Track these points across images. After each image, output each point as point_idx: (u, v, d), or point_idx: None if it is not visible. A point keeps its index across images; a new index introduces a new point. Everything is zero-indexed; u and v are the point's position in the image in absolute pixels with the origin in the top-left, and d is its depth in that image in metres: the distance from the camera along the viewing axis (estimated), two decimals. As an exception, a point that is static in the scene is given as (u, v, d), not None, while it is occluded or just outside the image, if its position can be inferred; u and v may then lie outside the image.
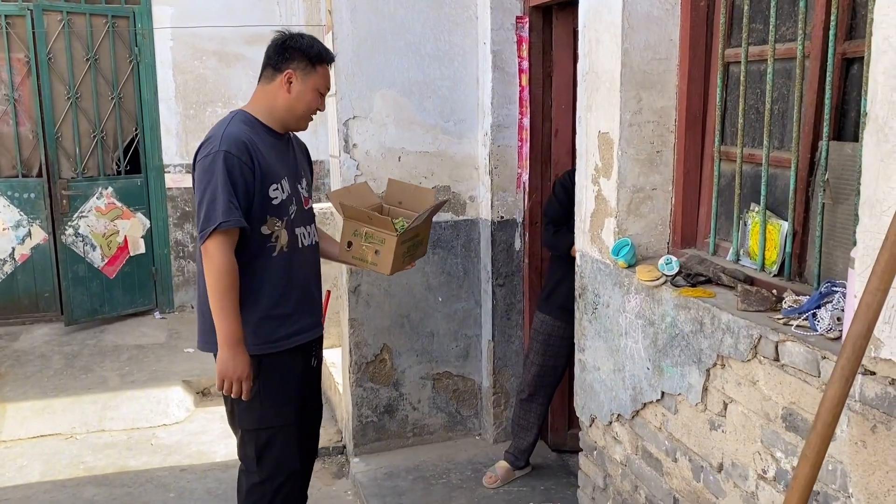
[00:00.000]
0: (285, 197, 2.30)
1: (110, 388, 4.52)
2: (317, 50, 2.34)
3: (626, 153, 2.35)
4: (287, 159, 2.39)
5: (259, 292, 2.29)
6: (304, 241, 2.41)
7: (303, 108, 2.34)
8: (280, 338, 2.34)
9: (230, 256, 2.17)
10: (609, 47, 2.35)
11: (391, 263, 2.49)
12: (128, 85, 5.83)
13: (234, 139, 2.20)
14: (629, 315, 2.34)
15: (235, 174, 2.16)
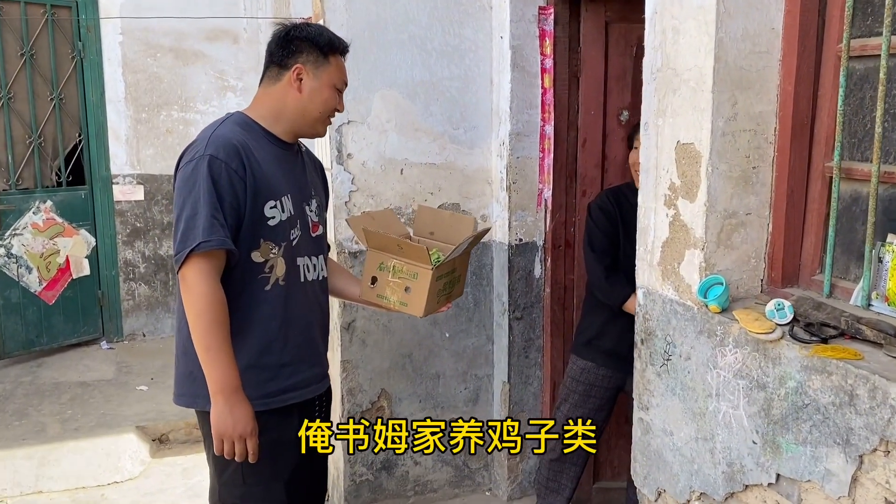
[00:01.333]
0: (286, 218, 1.90)
1: (49, 437, 3.86)
2: (327, 38, 1.96)
3: (717, 169, 1.88)
4: (294, 173, 1.98)
5: (246, 335, 1.87)
6: (307, 274, 1.99)
7: (318, 108, 1.96)
8: (271, 393, 1.90)
9: (215, 285, 1.77)
10: (695, 38, 1.89)
11: (425, 303, 2.02)
12: (70, 84, 5.15)
13: (223, 142, 1.81)
14: (724, 373, 1.86)
15: (222, 184, 1.78)
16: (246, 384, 1.82)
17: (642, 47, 2.85)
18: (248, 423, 1.79)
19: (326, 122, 2.02)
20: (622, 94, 2.89)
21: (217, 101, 5.43)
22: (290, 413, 1.94)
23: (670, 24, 1.98)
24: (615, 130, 2.91)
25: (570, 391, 2.73)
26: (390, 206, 2.98)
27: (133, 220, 5.39)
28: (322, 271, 2.07)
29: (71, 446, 3.77)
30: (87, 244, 5.27)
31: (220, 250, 1.77)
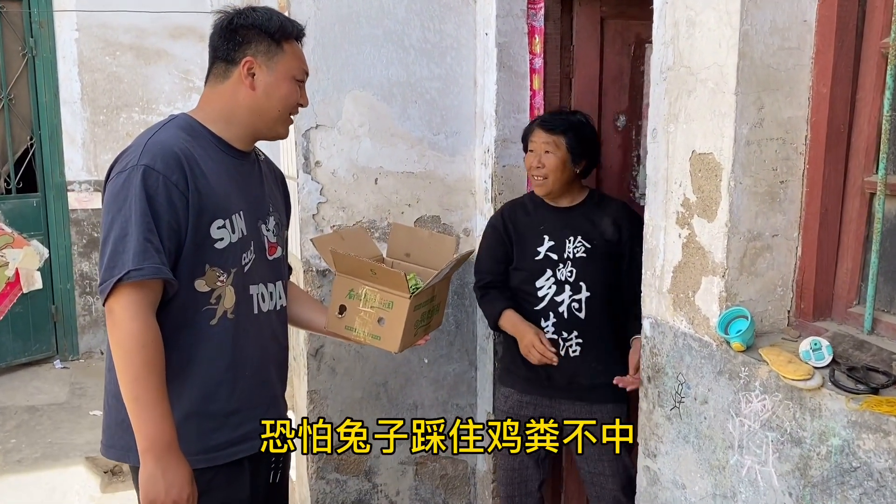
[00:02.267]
0: (236, 240, 1.63)
1: (-13, 472, 3.52)
2: (278, 22, 1.68)
3: (740, 184, 1.61)
4: (248, 187, 1.71)
5: (186, 378, 1.61)
6: (262, 304, 1.72)
7: (277, 105, 1.68)
8: (216, 447, 1.64)
9: (147, 321, 1.49)
10: (715, 31, 1.62)
11: (401, 336, 1.78)
12: (20, 84, 4.83)
13: (161, 150, 1.54)
14: (749, 422, 1.59)
15: (159, 200, 1.51)
16: (186, 436, 1.56)
17: (641, 46, 2.63)
18: (184, 487, 1.51)
19: (288, 120, 1.75)
20: (619, 96, 2.63)
21: (181, 102, 5.12)
22: (240, 468, 1.68)
23: (684, 16, 1.72)
24: (611, 137, 2.65)
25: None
26: (363, 219, 2.69)
27: (90, 230, 5.06)
28: (280, 300, 1.81)
29: (11, 481, 3.45)
30: (39, 256, 4.94)
31: (154, 280, 1.50)
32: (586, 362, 2.35)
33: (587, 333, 2.35)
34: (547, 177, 2.33)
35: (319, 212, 2.65)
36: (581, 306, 2.34)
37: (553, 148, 2.31)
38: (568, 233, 2.35)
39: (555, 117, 2.36)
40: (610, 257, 2.33)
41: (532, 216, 2.43)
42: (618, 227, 2.33)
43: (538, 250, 2.36)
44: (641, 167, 2.66)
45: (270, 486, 1.80)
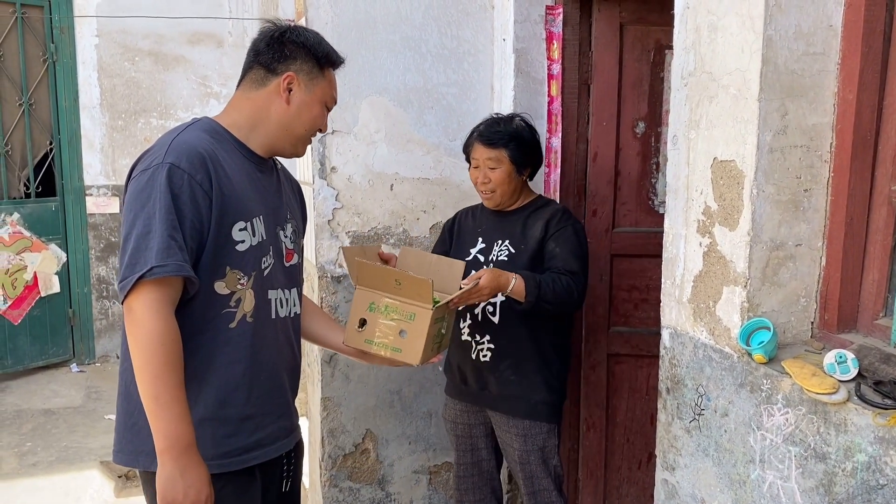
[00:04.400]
0: (257, 243, 1.62)
1: (3, 473, 3.54)
2: (326, 49, 1.73)
3: (763, 192, 1.58)
4: (267, 193, 1.70)
5: (203, 381, 1.57)
6: (280, 309, 1.70)
7: (305, 125, 1.71)
8: (229, 453, 1.60)
9: (169, 320, 1.47)
10: (738, 36, 1.59)
11: (422, 348, 1.79)
12: (41, 89, 4.86)
13: (187, 149, 1.53)
14: (771, 436, 1.55)
15: (183, 199, 1.50)
16: (202, 441, 1.52)
17: (661, 51, 2.60)
18: (203, 489, 1.48)
19: (308, 141, 1.77)
20: (638, 103, 2.60)
21: (199, 108, 5.14)
22: (251, 475, 1.65)
23: (706, 21, 1.69)
24: (630, 143, 2.61)
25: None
26: (378, 225, 2.68)
27: (107, 234, 5.08)
28: (295, 307, 1.79)
29: (26, 484, 3.45)
30: (57, 259, 4.97)
31: (176, 278, 1.48)
32: (498, 370, 2.28)
33: (499, 339, 2.27)
34: (495, 190, 2.28)
35: (335, 217, 2.64)
36: (496, 311, 2.27)
37: (496, 163, 2.26)
38: (497, 236, 2.32)
39: (493, 130, 2.28)
40: (534, 263, 2.23)
41: (476, 219, 2.42)
42: (546, 226, 2.25)
43: (470, 251, 2.34)
44: (661, 175, 2.62)
45: (282, 494, 1.78)
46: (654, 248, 2.49)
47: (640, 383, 2.73)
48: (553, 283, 2.13)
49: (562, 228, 2.23)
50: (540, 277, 2.13)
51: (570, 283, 2.16)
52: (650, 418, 2.74)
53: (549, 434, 2.28)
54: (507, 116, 2.37)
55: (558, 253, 2.21)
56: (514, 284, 2.09)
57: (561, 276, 2.16)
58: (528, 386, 2.25)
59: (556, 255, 2.21)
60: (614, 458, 2.79)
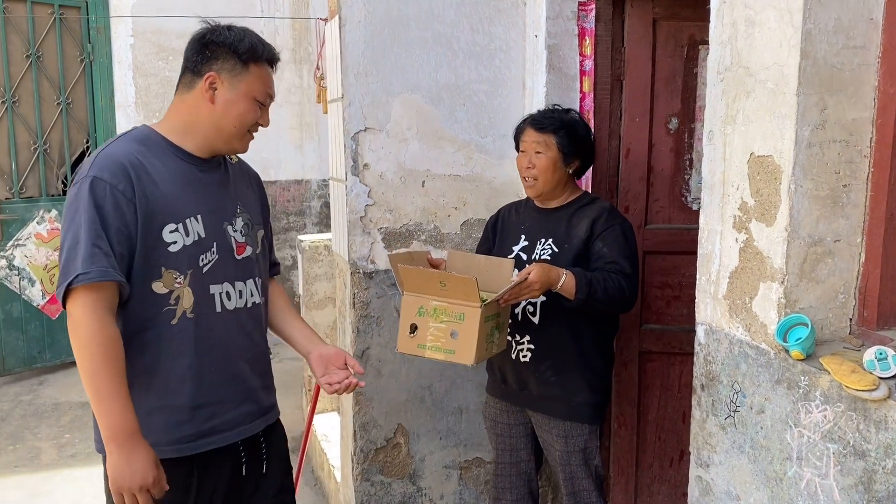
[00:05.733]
0: (191, 242, 1.72)
1: (43, 464, 3.62)
2: (248, 43, 1.75)
3: (801, 187, 1.57)
4: (208, 191, 1.79)
5: (153, 374, 1.71)
6: (227, 303, 1.79)
7: (233, 123, 1.75)
8: (183, 438, 1.72)
9: (104, 320, 1.58)
10: (776, 30, 1.58)
11: (475, 347, 1.81)
12: (78, 88, 4.95)
13: (109, 161, 1.64)
14: (808, 433, 1.54)
15: (107, 209, 1.61)
16: (154, 428, 1.67)
17: (695, 47, 2.58)
18: (148, 472, 1.58)
19: (246, 136, 1.81)
20: (671, 99, 2.58)
21: (232, 106, 5.19)
22: (207, 459, 1.76)
23: (743, 15, 1.68)
24: (663, 140, 2.60)
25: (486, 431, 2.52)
26: (409, 221, 2.70)
27: (142, 231, 5.15)
28: (254, 297, 1.86)
29: (65, 475, 3.53)
30: (93, 255, 5.04)
31: (111, 283, 1.59)
32: (538, 370, 2.26)
33: (540, 340, 2.25)
34: (537, 178, 2.24)
35: (367, 214, 2.66)
36: (536, 311, 2.24)
37: (544, 148, 2.23)
38: (541, 234, 2.28)
39: (546, 116, 2.27)
40: (578, 263, 2.18)
41: (520, 216, 2.38)
42: (592, 225, 2.21)
43: (512, 249, 2.31)
44: (694, 171, 2.61)
45: (245, 478, 1.85)
46: (687, 245, 2.48)
47: (672, 381, 2.72)
48: (604, 282, 2.08)
49: (609, 228, 2.18)
50: (591, 275, 2.08)
51: (622, 283, 2.10)
52: (682, 416, 2.72)
53: (590, 435, 2.26)
54: (564, 108, 2.35)
55: (606, 253, 2.15)
56: (565, 280, 2.05)
57: (612, 275, 2.11)
58: (569, 387, 2.23)
59: (604, 255, 2.15)
60: (646, 455, 2.78)
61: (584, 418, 2.25)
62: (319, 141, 5.69)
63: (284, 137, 5.64)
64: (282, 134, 5.62)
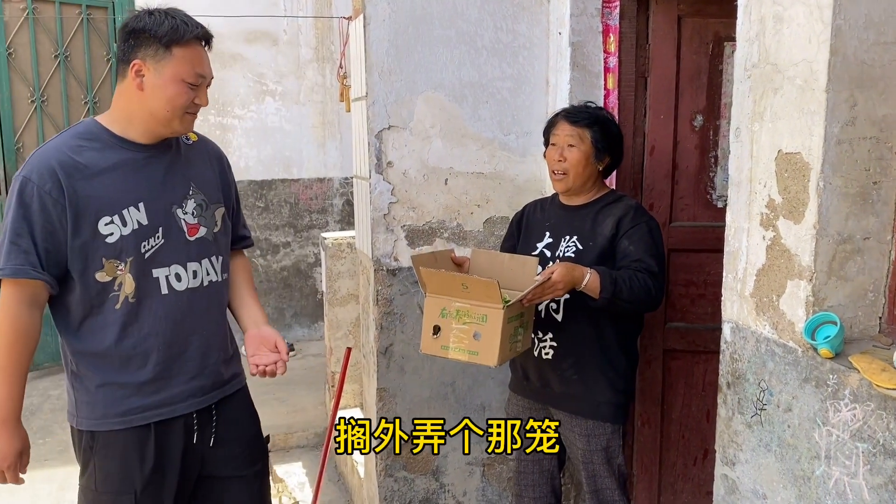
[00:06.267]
0: (129, 232, 1.79)
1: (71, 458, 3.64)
2: (168, 26, 1.76)
3: (830, 184, 1.55)
4: (151, 179, 1.84)
5: (99, 355, 1.82)
6: (175, 284, 1.87)
7: (165, 107, 1.77)
8: (126, 411, 1.84)
9: (18, 313, 1.73)
10: (805, 26, 1.57)
11: (498, 348, 1.82)
12: (104, 87, 5.02)
13: (39, 162, 1.74)
14: (837, 432, 1.53)
15: (33, 209, 1.72)
16: (102, 402, 1.82)
17: (720, 44, 2.56)
18: (9, 455, 1.78)
19: (185, 117, 1.82)
20: (696, 96, 2.57)
21: (255, 105, 5.24)
22: (166, 427, 1.88)
23: (771, 11, 1.67)
24: (688, 137, 2.59)
25: None
26: (432, 219, 2.71)
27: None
28: (210, 276, 1.93)
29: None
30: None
31: (36, 280, 1.72)
32: (560, 368, 2.25)
33: (562, 337, 2.24)
34: (567, 172, 2.22)
35: (390, 212, 2.68)
36: (559, 308, 2.23)
37: (577, 141, 2.21)
38: (565, 231, 2.26)
39: (580, 110, 2.27)
40: (603, 261, 2.16)
41: (545, 212, 2.37)
42: (618, 223, 2.19)
43: (536, 245, 2.30)
44: (719, 168, 2.59)
45: (194, 445, 1.93)
46: (713, 243, 2.47)
47: (696, 379, 2.70)
48: (630, 281, 2.06)
49: (636, 226, 2.15)
50: (616, 273, 2.06)
51: (648, 282, 2.08)
52: (706, 415, 2.71)
53: (613, 434, 2.25)
54: (597, 105, 2.34)
55: (632, 251, 2.13)
56: (589, 279, 2.03)
57: (637, 273, 2.08)
58: (592, 385, 2.22)
59: (630, 254, 2.13)
60: (669, 454, 2.77)
61: (606, 417, 2.24)
62: (342, 139, 5.72)
63: (307, 136, 5.68)
64: (304, 132, 5.66)
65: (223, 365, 1.98)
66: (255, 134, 5.38)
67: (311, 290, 5.94)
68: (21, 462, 1.82)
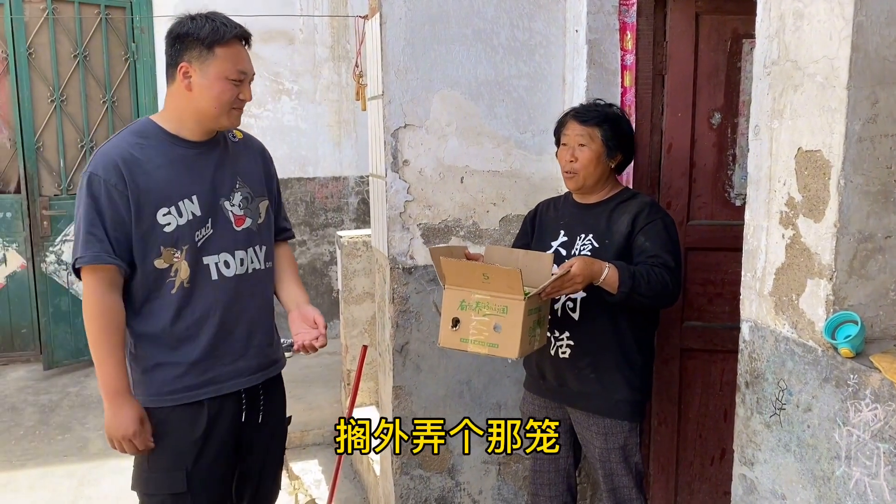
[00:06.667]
0: (185, 221, 1.94)
1: (91, 454, 3.72)
2: (210, 28, 1.90)
3: (851, 182, 1.54)
4: (203, 173, 1.98)
5: (155, 336, 1.97)
6: (224, 270, 2.01)
7: (212, 104, 1.91)
8: (179, 389, 1.98)
9: (103, 296, 1.88)
10: (825, 23, 1.55)
11: (519, 340, 1.81)
12: (122, 87, 5.07)
13: (103, 158, 1.89)
14: (857, 432, 1.52)
15: (101, 201, 1.87)
16: (156, 381, 1.96)
17: (738, 41, 2.55)
18: (131, 424, 1.89)
19: (232, 113, 1.96)
20: (714, 94, 2.55)
21: (272, 104, 5.26)
22: (203, 406, 1.99)
23: (791, 8, 1.65)
24: (705, 135, 2.57)
25: None
26: (448, 217, 2.71)
27: (184, 227, 5.24)
28: (254, 263, 2.07)
29: (112, 465, 3.62)
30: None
31: (111, 265, 1.86)
32: (577, 367, 2.24)
33: (579, 336, 2.23)
34: (579, 172, 2.22)
35: (406, 210, 2.68)
36: (576, 306, 2.22)
37: (587, 140, 2.21)
38: (580, 230, 2.26)
39: (589, 109, 2.26)
40: (621, 258, 2.15)
41: (559, 211, 2.36)
42: (633, 220, 2.18)
43: (551, 244, 2.29)
44: (737, 167, 2.57)
45: (242, 423, 2.08)
46: (731, 242, 2.46)
47: (713, 378, 2.69)
48: (648, 275, 2.06)
49: (651, 222, 2.15)
50: (634, 268, 2.06)
51: (666, 277, 2.08)
52: (724, 414, 2.69)
53: (630, 432, 2.24)
54: (606, 103, 2.33)
55: (649, 247, 2.13)
56: (607, 274, 2.03)
57: (654, 268, 2.08)
58: (609, 384, 2.21)
59: (646, 249, 2.13)
60: (686, 453, 2.76)
61: (623, 415, 2.23)
62: (357, 138, 5.73)
63: (323, 135, 5.70)
64: (320, 131, 5.68)
65: (267, 348, 2.12)
66: (271, 133, 5.40)
67: (326, 288, 5.96)
68: (144, 429, 1.92)
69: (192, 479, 1.97)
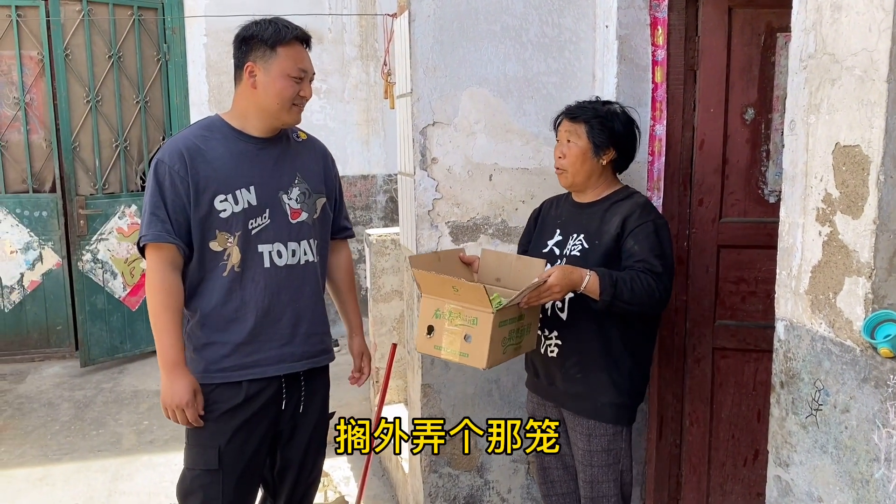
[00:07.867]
0: (240, 210, 2.06)
1: (124, 449, 3.78)
2: (272, 30, 2.04)
3: (891, 178, 1.50)
4: (263, 166, 2.11)
5: (206, 315, 2.09)
6: (277, 260, 2.12)
7: (275, 101, 2.04)
8: (227, 368, 2.09)
9: (164, 274, 2.01)
10: (864, 15, 1.52)
11: (487, 352, 1.85)
12: (155, 87, 5.14)
13: (171, 147, 2.05)
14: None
15: (165, 185, 2.02)
16: (206, 358, 2.07)
17: (772, 35, 2.50)
18: (185, 395, 2.00)
19: (293, 109, 2.08)
20: (747, 89, 2.51)
21: (300, 103, 5.29)
22: (243, 387, 2.09)
23: (828, 0, 1.61)
24: (738, 131, 2.53)
25: None
26: (477, 215, 2.70)
27: (215, 225, 5.30)
28: (307, 256, 2.17)
29: (145, 460, 3.67)
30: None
31: (171, 245, 2.00)
32: (564, 366, 2.21)
33: (566, 335, 2.19)
34: (566, 169, 2.20)
35: (434, 208, 2.68)
36: (564, 306, 2.18)
37: (574, 137, 2.18)
38: (574, 229, 2.22)
39: (581, 106, 2.23)
40: (609, 261, 2.11)
41: (558, 210, 2.34)
42: (623, 222, 2.12)
43: (547, 243, 2.27)
44: (771, 163, 2.53)
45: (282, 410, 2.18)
46: (764, 239, 2.42)
47: (746, 378, 2.64)
48: (631, 282, 2.00)
49: (641, 225, 2.09)
50: (617, 275, 2.01)
51: (651, 283, 2.02)
52: (757, 415, 2.65)
53: (614, 437, 2.18)
54: (605, 101, 2.30)
55: (637, 251, 2.07)
56: (588, 282, 1.99)
57: (640, 274, 2.02)
58: (594, 385, 2.16)
59: (634, 254, 2.07)
60: (718, 454, 2.71)
61: (608, 418, 2.18)
62: (385, 136, 5.75)
63: (351, 133, 5.72)
64: (349, 130, 5.70)
65: (314, 338, 2.21)
66: (301, 132, 5.44)
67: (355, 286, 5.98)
68: (196, 402, 2.02)
69: (223, 458, 2.07)
